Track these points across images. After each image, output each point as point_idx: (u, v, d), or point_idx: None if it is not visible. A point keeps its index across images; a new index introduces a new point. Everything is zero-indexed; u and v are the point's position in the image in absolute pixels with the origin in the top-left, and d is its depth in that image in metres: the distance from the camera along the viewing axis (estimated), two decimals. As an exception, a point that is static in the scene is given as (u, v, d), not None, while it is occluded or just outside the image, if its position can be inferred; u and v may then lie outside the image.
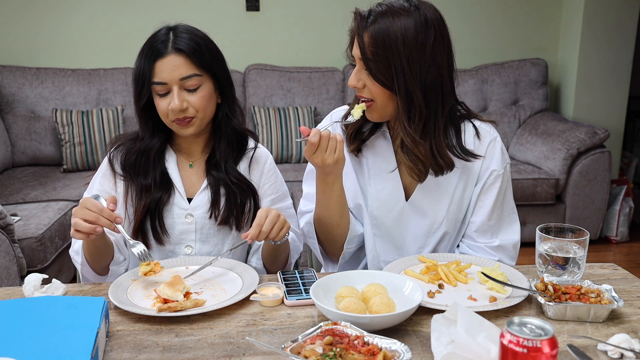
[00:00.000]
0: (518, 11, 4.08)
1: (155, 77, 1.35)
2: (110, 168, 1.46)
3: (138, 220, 1.41)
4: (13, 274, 2.34)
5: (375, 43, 1.25)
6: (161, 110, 1.38)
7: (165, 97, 1.36)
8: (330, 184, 1.33)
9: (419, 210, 1.42)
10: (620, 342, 0.96)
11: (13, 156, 3.60)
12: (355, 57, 1.31)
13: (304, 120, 3.63)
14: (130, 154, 1.44)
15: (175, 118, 1.37)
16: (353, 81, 1.31)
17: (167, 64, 1.34)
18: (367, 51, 1.26)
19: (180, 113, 1.36)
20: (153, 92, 1.38)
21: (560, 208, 3.55)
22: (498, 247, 1.42)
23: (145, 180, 1.43)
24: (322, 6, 3.92)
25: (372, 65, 1.26)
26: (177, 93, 1.35)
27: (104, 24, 3.80)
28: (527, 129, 3.81)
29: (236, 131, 1.48)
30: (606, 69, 3.93)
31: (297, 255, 1.54)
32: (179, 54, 1.35)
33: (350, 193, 1.42)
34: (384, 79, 1.26)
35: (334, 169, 1.29)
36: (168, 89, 1.36)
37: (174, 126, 1.40)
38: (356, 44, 1.29)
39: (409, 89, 1.25)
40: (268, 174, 1.52)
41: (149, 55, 1.36)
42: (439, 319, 0.94)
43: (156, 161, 1.44)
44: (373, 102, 1.31)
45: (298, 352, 0.91)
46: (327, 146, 1.24)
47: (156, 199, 1.42)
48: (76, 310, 1.01)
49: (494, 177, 1.40)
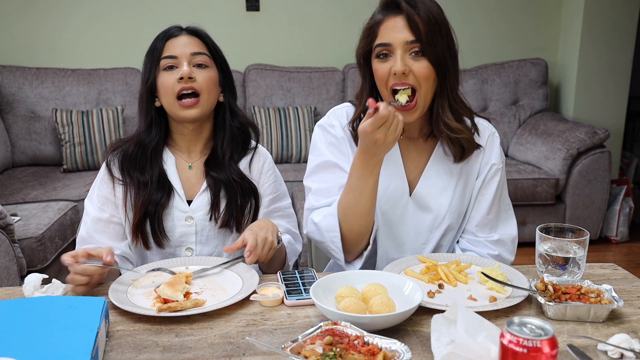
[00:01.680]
0: (518, 11, 4.08)
1: (165, 52, 1.39)
2: (109, 173, 1.45)
3: (136, 219, 1.41)
4: (13, 274, 2.34)
5: (429, 22, 1.26)
6: (167, 85, 1.38)
7: (171, 71, 1.39)
8: (372, 167, 1.28)
9: (422, 205, 1.43)
10: (620, 342, 0.96)
11: (13, 156, 3.60)
12: (398, 43, 1.27)
13: (304, 120, 3.63)
14: (128, 151, 1.44)
15: (180, 89, 1.37)
16: (401, 66, 1.26)
17: (179, 41, 1.40)
18: (422, 32, 1.26)
19: (188, 81, 1.37)
20: (159, 71, 1.40)
21: (560, 208, 3.55)
22: (497, 241, 1.44)
23: (143, 176, 1.42)
24: (322, 6, 3.92)
25: (428, 45, 1.26)
26: (187, 65, 1.39)
27: (104, 24, 3.80)
28: (527, 129, 3.81)
29: (241, 124, 1.49)
30: (606, 69, 3.93)
31: (294, 257, 1.54)
32: (191, 35, 1.42)
33: None
34: (439, 56, 1.28)
35: (386, 149, 1.25)
36: (177, 64, 1.39)
37: (176, 107, 1.39)
38: (402, 28, 1.27)
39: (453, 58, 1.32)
40: (267, 173, 1.52)
41: (161, 37, 1.42)
42: (439, 319, 0.94)
43: (153, 158, 1.44)
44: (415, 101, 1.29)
45: (298, 352, 0.91)
46: (392, 123, 1.21)
47: (155, 200, 1.41)
48: (76, 310, 1.01)
49: (494, 170, 1.43)
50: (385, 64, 1.30)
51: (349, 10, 3.89)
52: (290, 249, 1.50)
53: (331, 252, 1.40)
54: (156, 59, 1.40)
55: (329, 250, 1.40)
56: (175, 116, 1.41)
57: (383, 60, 1.30)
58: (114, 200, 1.44)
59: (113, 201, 1.44)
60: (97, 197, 1.44)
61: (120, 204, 1.43)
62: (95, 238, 1.42)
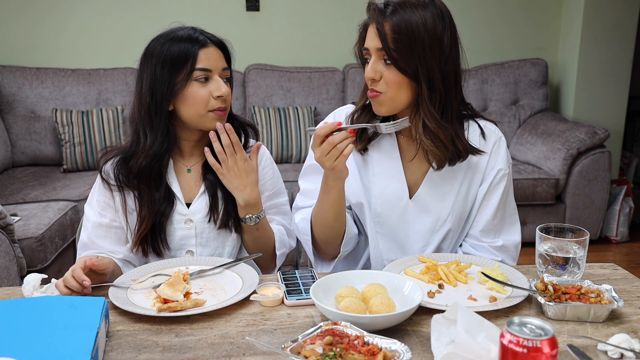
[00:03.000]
0: (518, 11, 4.08)
1: (199, 63, 1.35)
2: (104, 182, 1.42)
3: (144, 232, 1.39)
4: (13, 274, 2.34)
5: (398, 31, 1.25)
6: (200, 97, 1.36)
7: (205, 84, 1.37)
8: (330, 187, 1.33)
9: (423, 208, 1.42)
10: (620, 342, 0.96)
11: (13, 156, 3.60)
12: (372, 49, 1.29)
13: (304, 120, 3.63)
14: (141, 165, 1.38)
15: (217, 106, 1.37)
16: (370, 73, 1.29)
17: (211, 53, 1.37)
18: (388, 40, 1.26)
19: (224, 101, 1.38)
20: (190, 80, 1.35)
21: (560, 208, 3.55)
22: (501, 247, 1.43)
23: (155, 190, 1.40)
24: (322, 6, 3.92)
25: (394, 53, 1.26)
26: (223, 84, 1.38)
27: (104, 24, 3.80)
28: (527, 129, 3.81)
29: (240, 124, 1.49)
30: (606, 69, 3.93)
31: (285, 249, 1.52)
32: (217, 46, 1.40)
33: (353, 191, 1.42)
34: (406, 67, 1.26)
35: (332, 175, 1.29)
36: (209, 77, 1.37)
37: (207, 117, 1.37)
38: (374, 35, 1.28)
39: (431, 75, 1.27)
40: (264, 170, 1.52)
41: (190, 42, 1.36)
42: (439, 319, 0.94)
43: (163, 169, 1.42)
44: (381, 94, 1.30)
45: (298, 352, 0.91)
46: (330, 151, 1.23)
47: (161, 211, 1.41)
48: (76, 310, 1.01)
49: (500, 176, 1.42)
50: (366, 69, 1.32)
51: (349, 10, 3.89)
52: (280, 238, 1.49)
53: (306, 252, 1.50)
54: (189, 68, 1.35)
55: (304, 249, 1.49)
56: (202, 126, 1.39)
57: (365, 65, 1.33)
58: (114, 205, 1.43)
59: (112, 206, 1.43)
60: (96, 203, 1.43)
61: (120, 209, 1.42)
62: (97, 243, 1.42)
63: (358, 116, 1.42)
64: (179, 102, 1.37)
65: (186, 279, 1.23)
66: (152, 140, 1.38)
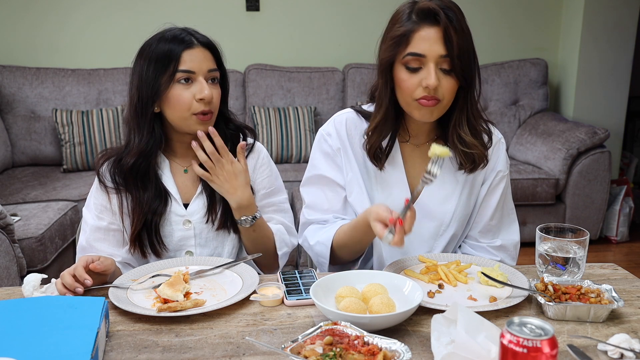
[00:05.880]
0: (518, 11, 4.07)
1: (182, 65, 1.33)
2: (101, 183, 1.42)
3: (136, 230, 1.39)
4: (13, 274, 2.34)
5: (461, 39, 1.22)
6: (182, 100, 1.34)
7: (188, 86, 1.34)
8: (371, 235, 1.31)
9: (426, 213, 1.41)
10: (620, 342, 0.96)
11: (13, 156, 3.60)
12: (431, 56, 1.22)
13: (304, 120, 3.63)
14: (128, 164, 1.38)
15: (201, 110, 1.34)
16: (434, 80, 1.21)
17: (196, 54, 1.35)
18: (454, 47, 1.21)
19: (208, 104, 1.35)
20: (173, 82, 1.33)
21: (560, 208, 3.55)
22: (500, 247, 1.43)
23: (143, 188, 1.40)
24: (322, 6, 3.92)
25: (459, 63, 1.22)
26: (206, 86, 1.34)
27: (104, 24, 3.80)
28: (527, 129, 3.81)
29: (236, 127, 1.48)
30: (606, 69, 3.93)
31: (287, 248, 1.51)
32: (205, 47, 1.37)
33: (359, 200, 1.42)
34: (466, 75, 1.24)
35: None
36: (193, 78, 1.35)
37: (192, 122, 1.36)
38: (436, 41, 1.21)
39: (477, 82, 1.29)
40: (261, 168, 1.51)
41: (175, 42, 1.34)
42: (439, 319, 0.94)
43: (152, 167, 1.41)
44: (439, 102, 1.26)
45: (298, 352, 0.91)
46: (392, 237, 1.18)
47: (153, 209, 1.40)
48: (76, 311, 1.01)
49: (499, 177, 1.42)
50: (415, 76, 1.24)
51: (349, 10, 3.89)
52: (280, 238, 1.48)
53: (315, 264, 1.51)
54: (172, 69, 1.33)
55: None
56: (187, 129, 1.38)
57: (412, 71, 1.24)
58: (110, 208, 1.42)
59: (109, 208, 1.42)
60: (94, 206, 1.43)
61: (117, 211, 1.42)
62: (95, 247, 1.41)
63: (381, 128, 1.35)
64: (164, 103, 1.36)
65: (186, 279, 1.23)
66: (139, 139, 1.38)
